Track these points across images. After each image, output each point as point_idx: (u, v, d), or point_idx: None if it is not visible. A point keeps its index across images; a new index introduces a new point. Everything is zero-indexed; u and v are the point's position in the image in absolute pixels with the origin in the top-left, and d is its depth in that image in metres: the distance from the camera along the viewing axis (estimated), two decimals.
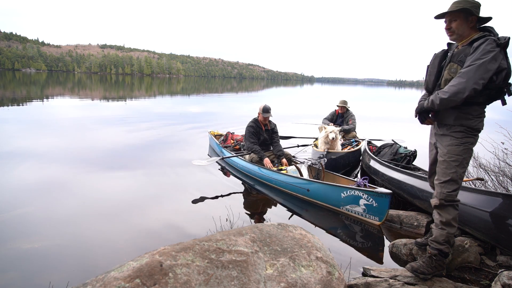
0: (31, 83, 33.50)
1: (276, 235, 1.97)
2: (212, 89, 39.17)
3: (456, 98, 2.00)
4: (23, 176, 4.72)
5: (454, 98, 2.00)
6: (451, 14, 2.12)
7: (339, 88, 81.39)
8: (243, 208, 3.97)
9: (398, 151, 5.03)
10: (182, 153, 6.73)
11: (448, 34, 2.19)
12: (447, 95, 2.02)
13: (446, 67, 2.18)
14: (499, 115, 5.53)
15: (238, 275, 1.58)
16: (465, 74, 1.97)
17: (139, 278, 1.39)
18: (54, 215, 3.55)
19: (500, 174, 3.72)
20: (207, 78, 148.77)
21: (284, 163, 4.95)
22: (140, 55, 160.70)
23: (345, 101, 6.99)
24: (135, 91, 29.38)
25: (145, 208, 3.88)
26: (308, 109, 18.03)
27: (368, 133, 7.76)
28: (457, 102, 2.01)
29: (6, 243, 2.92)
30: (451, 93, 2.00)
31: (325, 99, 29.14)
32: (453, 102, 2.03)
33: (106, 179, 4.87)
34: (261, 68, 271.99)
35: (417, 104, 2.34)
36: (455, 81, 2.01)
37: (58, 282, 2.32)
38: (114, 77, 76.72)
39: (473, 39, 2.07)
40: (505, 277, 2.02)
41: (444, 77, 2.18)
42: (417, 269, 2.19)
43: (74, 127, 9.11)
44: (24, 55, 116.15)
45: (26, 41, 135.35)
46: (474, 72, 1.94)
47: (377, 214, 3.48)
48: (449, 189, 2.10)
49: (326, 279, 1.79)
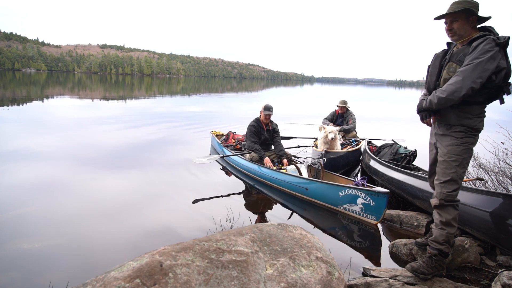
0: (31, 83, 33.51)
1: (276, 235, 1.97)
2: (212, 89, 39.18)
3: (453, 97, 1.99)
4: (23, 176, 4.72)
5: (452, 97, 2.00)
6: (452, 15, 2.11)
7: (339, 88, 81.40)
8: (243, 208, 3.97)
9: (398, 151, 5.03)
10: (182, 153, 6.72)
11: (449, 35, 2.18)
12: (444, 94, 2.02)
13: (445, 67, 2.17)
14: (499, 115, 5.53)
15: (238, 275, 1.58)
16: (462, 73, 1.97)
17: (139, 278, 1.39)
18: (54, 215, 3.55)
19: (500, 174, 3.72)
20: (207, 78, 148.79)
21: (285, 163, 4.96)
22: (140, 55, 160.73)
23: (345, 101, 7.00)
24: (135, 91, 29.39)
25: (145, 208, 3.88)
26: (308, 109, 18.03)
27: (368, 133, 7.77)
28: (454, 101, 2.01)
29: (6, 243, 2.92)
30: (448, 92, 2.00)
31: (325, 99, 29.15)
32: (450, 101, 2.03)
33: (106, 179, 4.87)
34: (261, 68, 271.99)
35: (418, 102, 2.34)
36: (453, 80, 2.01)
37: (58, 282, 2.32)
38: (114, 77, 76.74)
39: (472, 39, 2.07)
40: (505, 277, 2.02)
41: (443, 77, 2.18)
42: (417, 269, 2.19)
43: (74, 127, 9.11)
44: (24, 55, 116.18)
45: (26, 41, 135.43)
46: (471, 71, 1.93)
47: (374, 213, 3.50)
48: (449, 189, 2.10)
49: (326, 279, 1.79)
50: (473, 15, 2.07)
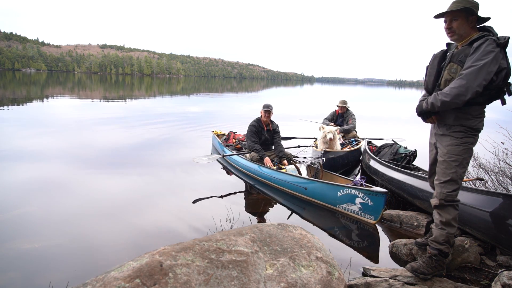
0: (31, 83, 33.51)
1: (276, 235, 1.97)
2: (212, 89, 39.18)
3: (458, 100, 1.98)
4: (23, 176, 4.72)
5: (456, 100, 1.99)
6: (452, 13, 2.10)
7: (339, 88, 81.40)
8: (243, 208, 3.97)
9: (398, 151, 5.03)
10: (182, 153, 6.73)
11: (448, 34, 2.18)
12: (449, 98, 2.01)
13: (446, 67, 2.16)
14: (499, 115, 5.53)
15: (238, 275, 1.58)
16: (466, 76, 1.95)
17: (139, 278, 1.39)
18: (54, 215, 3.55)
19: (500, 174, 3.72)
20: (207, 78, 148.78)
21: (284, 163, 4.98)
22: (140, 55, 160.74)
23: (345, 101, 7.01)
24: (135, 91, 29.38)
25: (145, 208, 3.88)
26: (308, 109, 18.03)
27: (368, 133, 7.77)
28: (458, 104, 2.00)
29: (6, 243, 2.92)
30: (452, 96, 1.99)
31: (325, 99, 29.14)
32: (455, 105, 2.02)
33: (106, 179, 4.87)
34: (261, 68, 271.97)
35: (417, 103, 2.34)
36: (456, 83, 1.99)
37: (58, 282, 2.32)
38: (114, 77, 76.74)
39: (472, 39, 2.06)
40: (505, 277, 2.02)
41: (444, 77, 2.17)
42: (417, 269, 2.19)
43: (74, 127, 9.11)
44: (24, 55, 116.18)
45: (26, 41, 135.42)
46: (476, 74, 1.92)
47: (372, 212, 3.52)
48: (449, 189, 2.10)
49: (326, 279, 1.79)
50: (472, 15, 2.07)
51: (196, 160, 4.81)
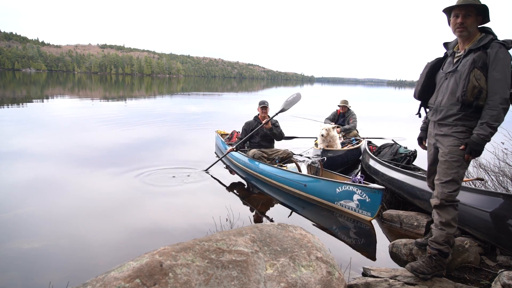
0: (31, 83, 33.51)
1: (276, 235, 1.97)
2: (212, 89, 39.18)
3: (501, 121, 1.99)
4: (23, 176, 4.71)
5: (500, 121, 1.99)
6: (468, 8, 2.01)
7: (339, 88, 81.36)
8: (243, 208, 3.98)
9: (398, 151, 5.03)
10: (182, 152, 6.73)
11: (459, 29, 2.08)
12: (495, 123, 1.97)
13: (472, 72, 2.01)
14: None
15: (238, 275, 1.58)
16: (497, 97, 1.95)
17: (139, 278, 1.39)
18: (54, 215, 3.55)
19: (500, 174, 3.72)
20: (207, 78, 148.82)
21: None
22: (140, 55, 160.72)
23: (346, 101, 7.03)
24: (135, 91, 29.38)
25: (145, 207, 3.88)
26: (308, 109, 18.02)
27: (369, 132, 7.78)
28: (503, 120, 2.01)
29: (6, 243, 2.92)
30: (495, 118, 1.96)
31: (325, 99, 29.12)
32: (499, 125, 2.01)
33: (106, 179, 4.87)
34: (261, 68, 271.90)
35: (420, 131, 2.56)
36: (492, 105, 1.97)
37: (58, 282, 2.32)
38: (114, 77, 76.75)
39: (481, 42, 2.04)
40: (505, 277, 2.02)
41: (471, 83, 2.00)
42: (417, 269, 2.18)
43: (74, 127, 9.10)
44: (24, 55, 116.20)
45: (26, 41, 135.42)
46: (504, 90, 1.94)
47: (369, 209, 3.57)
48: (450, 189, 2.10)
49: (326, 279, 1.79)
50: (480, 15, 2.06)
51: (207, 171, 5.14)
